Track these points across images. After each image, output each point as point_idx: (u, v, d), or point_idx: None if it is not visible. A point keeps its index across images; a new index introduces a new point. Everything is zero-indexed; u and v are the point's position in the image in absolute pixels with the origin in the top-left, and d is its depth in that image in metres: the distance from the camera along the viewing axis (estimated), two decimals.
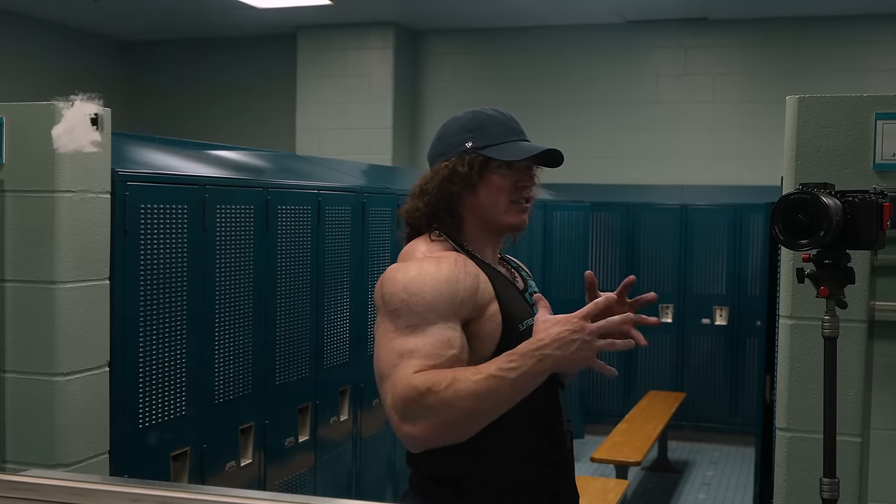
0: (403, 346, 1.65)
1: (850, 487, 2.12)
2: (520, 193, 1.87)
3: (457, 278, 1.73)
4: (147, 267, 2.84)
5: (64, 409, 2.53)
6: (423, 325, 1.66)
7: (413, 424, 1.59)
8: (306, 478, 3.77)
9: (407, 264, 1.77)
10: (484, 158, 1.84)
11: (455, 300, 1.70)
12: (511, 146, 1.86)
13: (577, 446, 6.87)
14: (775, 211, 1.83)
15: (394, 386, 1.62)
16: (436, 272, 1.72)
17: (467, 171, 1.84)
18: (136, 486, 1.27)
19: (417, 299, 1.67)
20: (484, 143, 1.86)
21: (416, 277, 1.70)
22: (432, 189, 1.86)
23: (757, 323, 6.39)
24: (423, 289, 1.69)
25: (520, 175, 1.87)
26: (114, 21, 8.64)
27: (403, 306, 1.68)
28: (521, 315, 1.80)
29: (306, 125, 8.49)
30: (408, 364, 1.62)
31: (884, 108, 2.17)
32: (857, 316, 2.16)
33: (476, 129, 1.88)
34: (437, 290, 1.69)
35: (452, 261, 1.76)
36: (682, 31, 7.92)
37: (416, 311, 1.67)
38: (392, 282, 1.72)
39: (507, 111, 1.96)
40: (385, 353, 1.67)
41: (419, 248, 1.84)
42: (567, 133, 7.87)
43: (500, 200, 1.85)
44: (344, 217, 4.00)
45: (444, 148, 1.90)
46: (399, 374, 1.62)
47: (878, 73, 7.40)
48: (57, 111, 2.53)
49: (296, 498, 1.28)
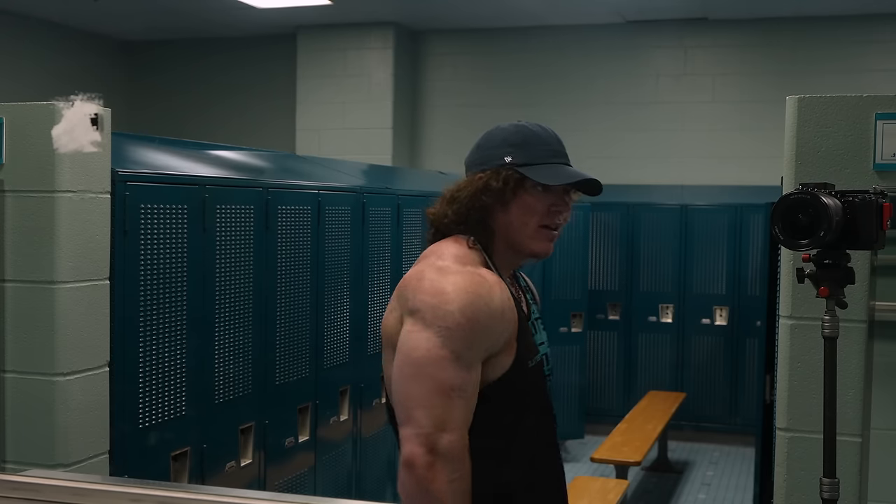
0: (454, 378, 1.63)
1: (850, 487, 2.12)
2: (552, 219, 1.80)
3: (502, 314, 1.69)
4: (147, 267, 2.84)
5: (64, 409, 2.54)
6: (468, 356, 1.64)
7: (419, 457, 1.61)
8: (306, 478, 3.77)
9: (462, 281, 1.68)
10: (520, 176, 1.77)
11: (497, 338, 1.69)
12: (551, 168, 1.80)
13: (577, 446, 6.88)
14: (775, 211, 1.83)
15: (438, 419, 1.62)
16: (488, 300, 1.67)
17: (501, 186, 1.77)
18: (136, 486, 1.27)
19: (472, 326, 1.64)
20: (523, 161, 1.79)
21: (472, 303, 1.65)
22: (463, 198, 1.79)
23: (757, 323, 6.39)
24: (477, 316, 1.65)
25: (555, 199, 1.80)
26: (114, 21, 8.64)
27: (457, 329, 1.63)
28: (531, 350, 1.77)
29: (306, 125, 8.49)
30: (451, 415, 1.62)
31: (884, 108, 2.17)
32: (857, 316, 2.16)
33: (518, 144, 1.81)
34: (488, 324, 1.67)
35: (499, 290, 1.71)
36: (682, 31, 7.92)
37: (467, 339, 1.64)
38: (442, 296, 1.65)
39: (551, 128, 1.88)
40: (429, 369, 1.62)
41: (450, 250, 1.77)
42: (567, 133, 7.75)
43: (531, 223, 1.79)
44: (344, 217, 4.00)
45: (482, 158, 1.83)
46: (439, 419, 1.61)
47: (878, 73, 7.40)
48: (57, 111, 2.53)
49: (296, 498, 1.28)
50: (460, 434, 1.64)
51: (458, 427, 1.63)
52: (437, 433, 1.61)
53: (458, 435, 1.63)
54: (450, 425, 1.62)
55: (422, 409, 1.62)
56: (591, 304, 7.08)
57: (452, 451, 1.62)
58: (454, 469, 1.62)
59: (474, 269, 1.73)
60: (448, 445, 1.62)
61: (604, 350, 7.38)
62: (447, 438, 1.62)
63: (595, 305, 7.24)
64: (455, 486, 1.63)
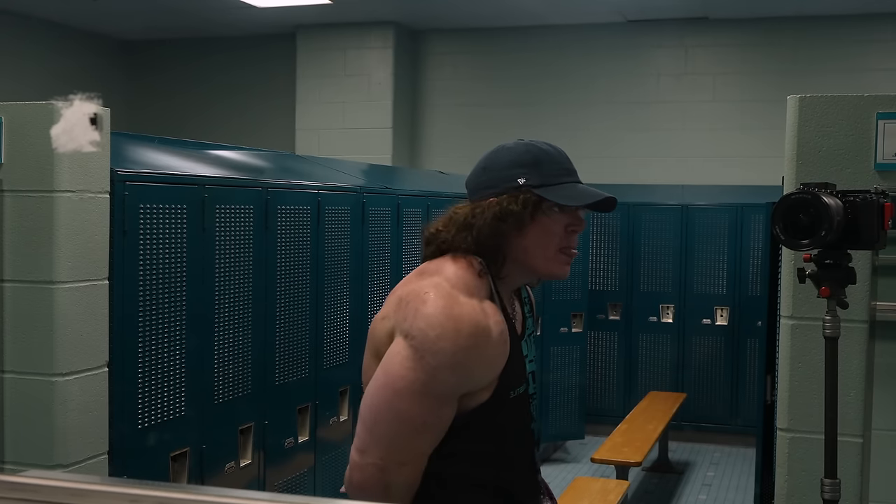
0: (427, 415, 1.60)
1: (851, 488, 2.12)
2: (569, 240, 1.75)
3: (496, 357, 1.65)
4: (146, 267, 2.84)
5: (63, 409, 2.53)
6: (449, 395, 1.62)
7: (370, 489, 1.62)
8: (306, 478, 3.77)
9: (467, 321, 1.61)
10: (538, 199, 1.71)
11: (482, 380, 1.65)
12: (567, 189, 1.74)
13: (577, 447, 6.87)
14: (776, 211, 1.82)
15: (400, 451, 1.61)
16: (485, 345, 1.63)
17: (520, 210, 1.70)
18: (135, 486, 1.27)
19: (462, 370, 1.61)
20: (538, 182, 1.72)
21: (469, 347, 1.60)
22: (482, 226, 1.70)
23: (758, 323, 6.38)
24: (470, 361, 1.61)
25: (571, 219, 1.75)
26: (113, 20, 8.64)
27: (447, 369, 1.59)
28: (516, 380, 1.73)
29: (306, 125, 8.49)
30: (411, 449, 1.62)
31: (885, 107, 2.16)
32: (858, 316, 2.15)
33: (529, 164, 1.74)
34: (479, 369, 1.63)
35: (498, 330, 1.66)
36: (683, 31, 7.92)
37: (453, 379, 1.60)
38: (441, 331, 1.59)
39: (557, 146, 1.82)
40: (405, 400, 1.60)
41: (458, 274, 1.69)
42: (567, 133, 7.87)
43: (550, 246, 1.73)
44: (344, 217, 4.00)
45: (491, 180, 1.74)
46: (398, 452, 1.61)
47: (879, 73, 7.39)
48: (56, 111, 2.52)
49: (296, 498, 1.27)
50: (419, 464, 1.64)
51: (417, 458, 1.63)
52: (397, 467, 1.61)
53: (417, 466, 1.63)
54: (410, 458, 1.62)
55: (386, 441, 1.61)
56: (591, 304, 7.07)
57: (408, 481, 1.63)
58: (408, 490, 1.64)
59: (479, 303, 1.67)
60: (405, 478, 1.63)
61: (604, 350, 7.38)
62: (406, 471, 1.62)
63: (595, 305, 7.24)
64: (409, 495, 1.65)
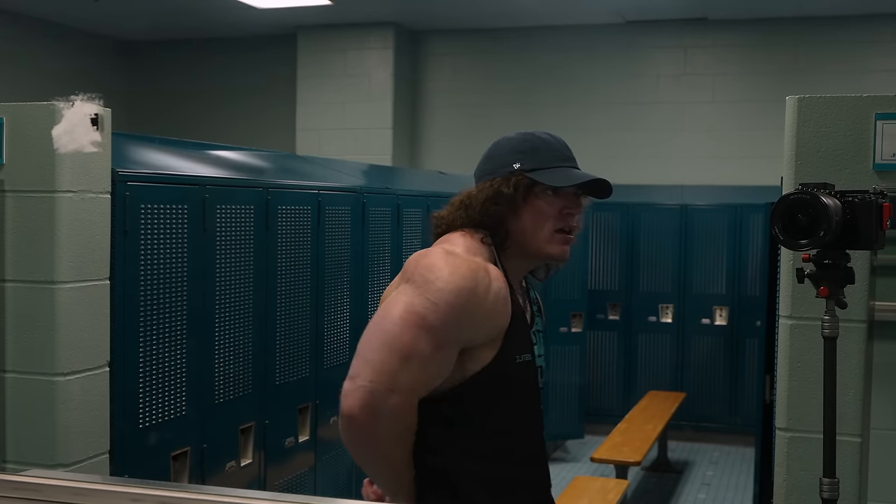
0: (418, 345, 1.64)
1: (849, 487, 2.13)
2: (565, 221, 1.83)
3: (494, 309, 1.71)
4: (147, 267, 2.84)
5: (64, 409, 2.54)
6: (442, 335, 1.66)
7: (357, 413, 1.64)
8: (306, 478, 3.77)
9: (464, 268, 1.70)
10: (530, 182, 1.80)
11: (479, 330, 1.70)
12: (560, 172, 1.82)
13: (577, 446, 6.88)
14: (775, 211, 1.83)
15: (391, 377, 1.64)
16: (483, 292, 1.70)
17: (512, 192, 1.79)
18: (136, 486, 1.27)
19: (458, 311, 1.66)
20: (532, 167, 1.81)
21: (466, 288, 1.67)
22: (475, 206, 1.81)
23: (757, 323, 6.38)
24: (466, 304, 1.67)
25: (566, 202, 1.83)
26: (114, 21, 8.65)
27: (442, 307, 1.65)
28: (521, 348, 1.78)
29: (306, 125, 8.49)
30: (400, 377, 1.64)
31: (884, 108, 2.17)
32: (856, 316, 2.16)
33: (526, 151, 1.84)
34: (475, 314, 1.69)
35: (498, 285, 1.73)
36: (682, 32, 7.92)
37: (447, 319, 1.66)
38: (439, 274, 1.68)
39: (559, 136, 1.90)
40: (404, 330, 1.65)
41: (462, 240, 1.80)
42: (567, 133, 7.72)
43: (545, 227, 1.81)
44: (344, 217, 4.00)
45: (491, 167, 1.85)
46: (388, 377, 1.63)
47: (878, 74, 7.39)
48: (57, 111, 2.53)
49: (296, 498, 1.28)
50: (406, 397, 1.66)
51: (407, 390, 1.65)
52: (385, 392, 1.64)
53: (405, 398, 1.66)
54: (399, 387, 1.64)
55: (378, 366, 1.64)
56: (591, 304, 7.08)
57: (396, 410, 1.65)
58: (396, 422, 1.67)
59: (482, 260, 1.75)
60: (393, 406, 1.65)
61: (604, 350, 7.38)
62: (394, 400, 1.65)
63: (595, 305, 7.24)
64: (398, 430, 1.69)
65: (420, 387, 1.68)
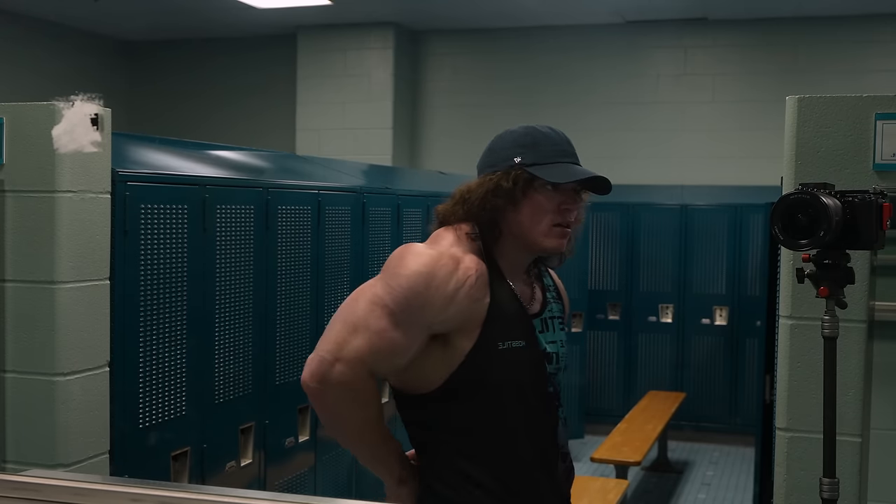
0: (372, 319, 1.72)
1: (849, 487, 2.13)
2: (563, 216, 1.85)
3: (454, 295, 1.75)
4: (147, 267, 2.84)
5: (64, 409, 2.54)
6: (401, 317, 1.72)
7: (308, 380, 1.73)
8: (306, 478, 3.77)
9: (426, 257, 1.77)
10: (529, 176, 1.82)
11: (439, 316, 1.74)
12: (559, 167, 1.84)
13: (577, 446, 6.88)
14: (775, 211, 1.83)
15: (339, 347, 1.71)
16: (443, 279, 1.74)
17: (511, 186, 1.82)
18: (136, 486, 1.27)
19: (414, 295, 1.73)
20: (532, 161, 1.83)
21: (423, 274, 1.73)
22: (475, 199, 1.84)
23: (757, 323, 6.39)
24: (422, 289, 1.73)
25: (565, 198, 1.85)
26: (114, 21, 8.65)
27: (400, 291, 1.73)
28: (507, 334, 1.80)
29: (306, 125, 8.49)
30: (347, 347, 1.71)
31: (883, 108, 2.17)
32: (856, 316, 2.16)
33: (528, 145, 1.86)
34: (431, 299, 1.73)
35: (464, 274, 1.77)
36: (682, 32, 7.92)
37: (405, 303, 1.72)
38: (402, 263, 1.76)
39: (561, 131, 1.92)
40: (361, 307, 1.74)
41: (444, 234, 1.85)
42: (567, 133, 7.79)
43: (543, 221, 1.83)
44: (344, 217, 4.00)
45: (493, 160, 1.88)
46: (336, 346, 1.71)
47: (878, 73, 7.39)
48: (57, 111, 2.53)
49: (296, 498, 1.28)
50: (351, 367, 1.70)
51: (350, 360, 1.71)
52: (332, 361, 1.71)
53: (350, 366, 1.70)
54: (346, 356, 1.70)
55: (333, 337, 1.73)
56: (591, 304, 7.08)
57: (342, 380, 1.71)
58: (344, 390, 1.72)
59: (455, 252, 1.80)
60: (339, 375, 1.70)
61: (604, 350, 7.38)
62: (340, 368, 1.70)
63: (595, 305, 7.24)
64: (348, 397, 1.73)
65: (370, 358, 1.72)
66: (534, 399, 1.86)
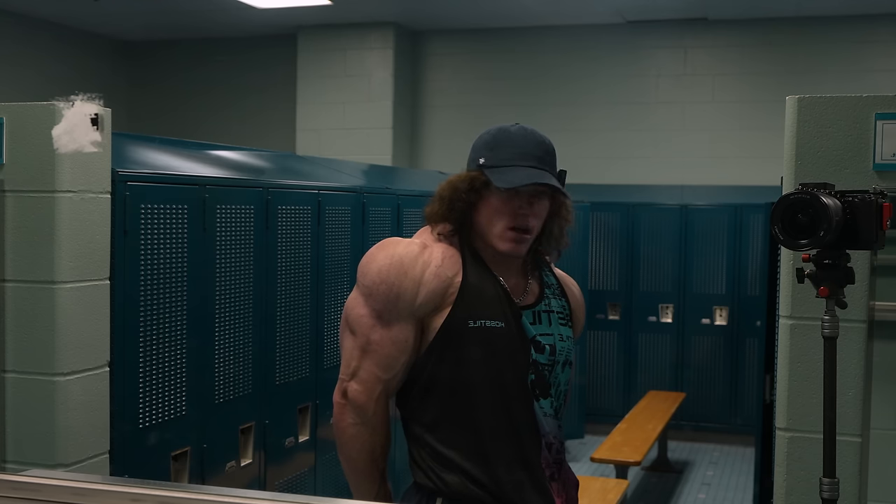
0: (371, 334, 1.82)
1: (849, 487, 2.13)
2: (518, 221, 1.85)
3: (422, 280, 1.82)
4: (147, 267, 2.84)
5: (64, 409, 2.54)
6: (388, 314, 1.82)
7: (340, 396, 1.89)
8: (306, 478, 3.77)
9: (391, 249, 1.86)
10: (486, 179, 1.86)
11: (414, 300, 1.82)
12: (513, 171, 1.84)
13: (577, 446, 6.88)
14: (775, 211, 1.83)
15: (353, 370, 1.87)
16: (409, 266, 1.83)
17: (467, 188, 1.87)
18: (136, 486, 1.28)
19: (386, 286, 1.82)
20: (492, 164, 1.86)
21: (389, 265, 1.83)
22: (446, 198, 1.91)
23: (757, 323, 6.39)
24: (391, 278, 1.82)
25: (521, 202, 1.85)
26: (114, 21, 8.64)
27: (373, 287, 1.83)
28: (480, 315, 1.83)
29: (306, 125, 8.49)
30: (364, 368, 1.84)
31: (884, 108, 2.17)
32: (856, 316, 2.16)
33: (493, 146, 1.88)
34: (402, 286, 1.82)
35: (432, 260, 1.84)
36: (682, 32, 7.92)
37: (382, 297, 1.82)
38: (370, 258, 1.88)
39: (537, 133, 1.91)
40: (354, 325, 1.86)
41: (424, 234, 1.93)
42: (567, 133, 7.87)
43: (498, 224, 1.86)
44: (344, 217, 4.00)
45: (469, 158, 1.94)
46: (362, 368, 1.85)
47: (878, 73, 7.40)
48: (57, 111, 2.53)
49: (296, 498, 1.28)
50: (366, 387, 1.84)
51: (365, 380, 1.84)
52: (349, 381, 1.86)
53: (364, 387, 1.84)
54: (359, 376, 1.85)
55: (345, 360, 1.88)
56: (590, 304, 7.07)
57: (357, 399, 1.84)
58: (358, 416, 1.86)
59: (424, 240, 1.89)
60: (354, 394, 1.85)
61: (604, 350, 7.38)
62: (353, 388, 1.85)
63: (595, 305, 7.24)
64: (357, 430, 1.85)
65: (384, 375, 1.84)
66: (511, 382, 1.86)
